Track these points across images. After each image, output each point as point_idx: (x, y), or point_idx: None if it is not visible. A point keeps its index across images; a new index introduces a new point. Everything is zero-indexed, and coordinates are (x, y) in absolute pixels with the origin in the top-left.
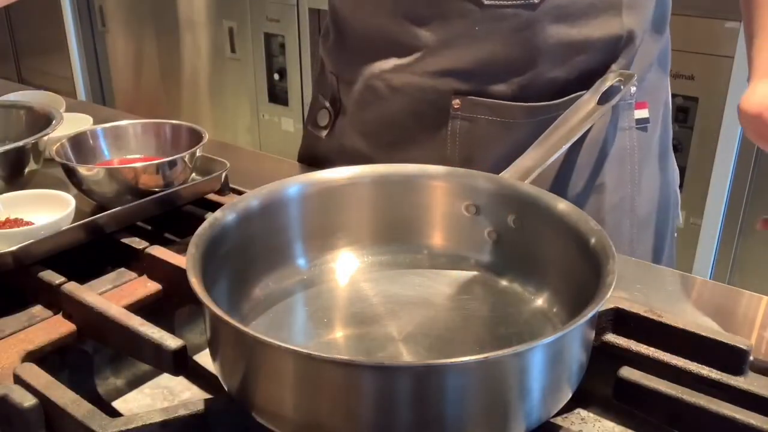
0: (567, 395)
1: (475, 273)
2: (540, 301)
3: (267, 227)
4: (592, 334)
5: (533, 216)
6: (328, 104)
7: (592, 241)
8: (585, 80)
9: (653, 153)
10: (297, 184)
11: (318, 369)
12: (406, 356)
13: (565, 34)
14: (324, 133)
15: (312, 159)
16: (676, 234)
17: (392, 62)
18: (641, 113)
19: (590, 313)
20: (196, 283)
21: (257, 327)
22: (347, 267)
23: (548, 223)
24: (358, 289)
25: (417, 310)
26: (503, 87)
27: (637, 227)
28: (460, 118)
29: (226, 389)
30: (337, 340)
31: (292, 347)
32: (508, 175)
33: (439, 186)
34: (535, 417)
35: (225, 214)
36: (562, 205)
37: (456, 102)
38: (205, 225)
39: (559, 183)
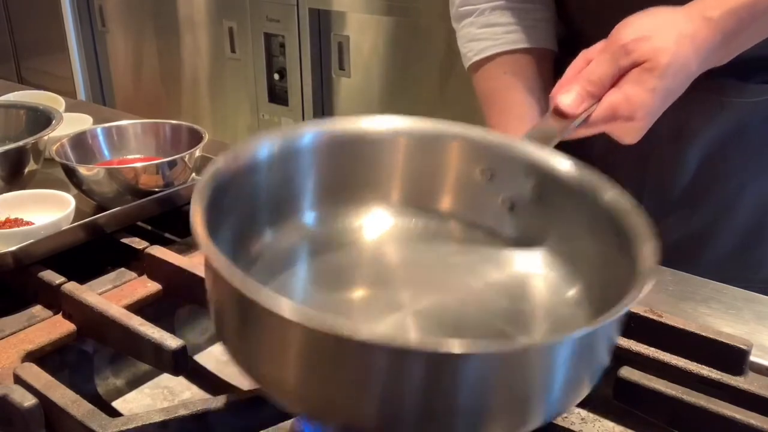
0: (587, 390)
1: (496, 246)
2: (562, 279)
3: (276, 178)
4: (620, 329)
5: (554, 186)
6: None
7: (626, 221)
8: None
9: None
10: (310, 133)
11: (321, 341)
12: (412, 328)
13: None
14: None
15: None
16: None
17: None
18: None
19: (626, 306)
20: (201, 233)
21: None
22: (357, 225)
23: (570, 194)
24: (369, 250)
25: (432, 281)
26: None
27: None
28: None
29: (230, 358)
30: (344, 302)
31: (293, 314)
32: (532, 138)
33: (460, 146)
34: (554, 411)
35: (229, 163)
36: (584, 172)
37: None
38: (210, 172)
39: None
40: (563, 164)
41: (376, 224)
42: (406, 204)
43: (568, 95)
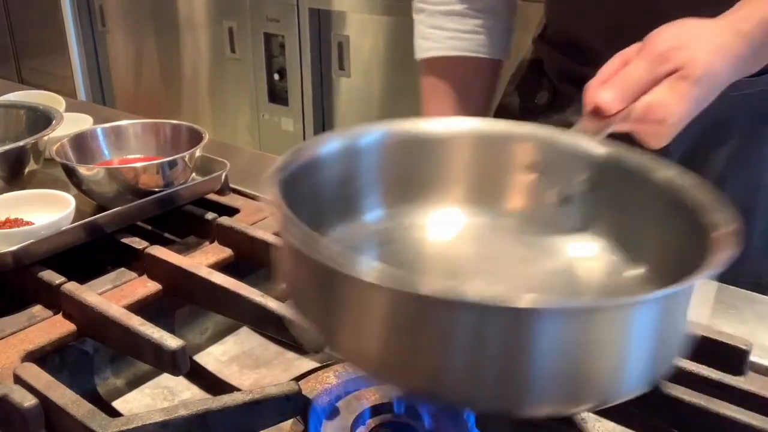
0: (669, 363)
1: (557, 237)
2: (635, 271)
3: (341, 177)
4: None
5: (627, 180)
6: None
7: (689, 195)
8: None
9: None
10: (378, 131)
11: (407, 303)
12: None
13: None
14: (538, 110)
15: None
16: None
17: None
18: None
19: (707, 271)
20: (278, 201)
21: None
22: (425, 223)
23: (649, 190)
24: (433, 246)
25: (496, 273)
26: None
27: None
28: None
29: (303, 322)
30: None
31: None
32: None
33: (531, 147)
34: (637, 382)
35: (300, 155)
36: (650, 161)
37: None
38: (280, 165)
39: None
40: (614, 152)
41: (440, 221)
42: (469, 202)
43: (607, 93)
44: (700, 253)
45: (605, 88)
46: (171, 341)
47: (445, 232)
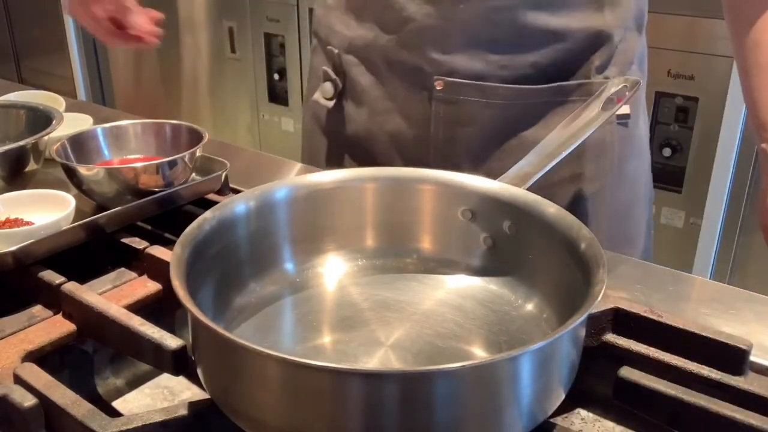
0: (560, 396)
1: (466, 278)
2: (530, 306)
3: (256, 230)
4: (583, 334)
5: (527, 222)
6: (333, 76)
7: (582, 247)
8: (566, 70)
9: (634, 148)
10: (286, 187)
11: (301, 376)
12: (394, 362)
13: (545, 21)
14: (330, 104)
15: (317, 132)
16: (652, 231)
17: (374, 34)
18: (623, 109)
19: (576, 321)
20: (178, 285)
21: (243, 331)
22: (336, 271)
23: (541, 229)
24: (346, 294)
25: (406, 315)
26: (482, 65)
27: (615, 218)
28: (443, 101)
29: (208, 395)
30: (325, 345)
31: (274, 353)
32: (506, 180)
33: (434, 190)
34: (530, 420)
35: (214, 216)
36: (553, 210)
37: (438, 83)
38: (193, 225)
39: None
40: (538, 204)
41: (353, 269)
42: (383, 247)
43: None
44: (582, 297)
45: None
46: (171, 341)
47: (359, 280)
